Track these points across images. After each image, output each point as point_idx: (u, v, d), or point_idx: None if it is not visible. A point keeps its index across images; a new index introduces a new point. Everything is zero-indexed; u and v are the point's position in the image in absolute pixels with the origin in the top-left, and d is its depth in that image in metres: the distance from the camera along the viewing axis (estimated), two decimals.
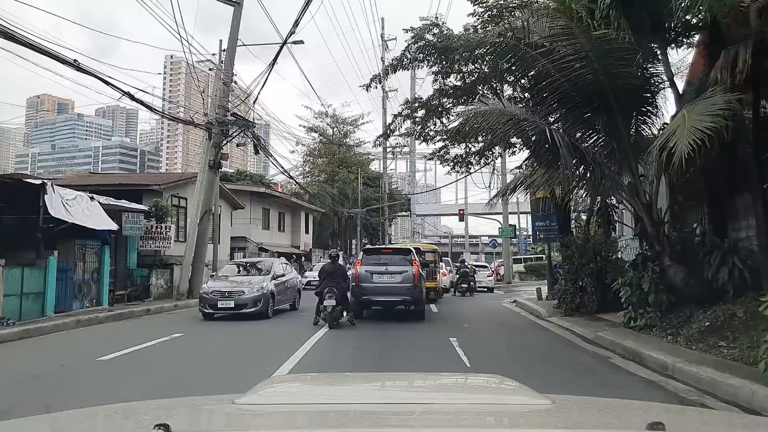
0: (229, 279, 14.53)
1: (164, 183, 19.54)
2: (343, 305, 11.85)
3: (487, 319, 14.26)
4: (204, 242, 18.61)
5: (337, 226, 44.79)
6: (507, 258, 34.53)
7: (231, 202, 25.51)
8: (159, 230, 18.26)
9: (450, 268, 27.73)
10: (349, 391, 2.18)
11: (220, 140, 18.37)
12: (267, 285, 13.80)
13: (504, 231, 34.02)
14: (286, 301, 15.33)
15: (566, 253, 14.71)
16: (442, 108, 15.47)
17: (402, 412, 1.70)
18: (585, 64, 8.75)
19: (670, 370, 7.17)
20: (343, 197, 43.75)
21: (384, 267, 12.84)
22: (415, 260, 13.07)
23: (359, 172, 45.57)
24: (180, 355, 8.87)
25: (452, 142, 16.20)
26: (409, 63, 15.71)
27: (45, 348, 9.51)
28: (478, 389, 2.29)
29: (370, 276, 12.75)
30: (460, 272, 23.96)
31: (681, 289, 9.35)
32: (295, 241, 35.40)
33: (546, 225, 17.14)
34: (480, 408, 1.78)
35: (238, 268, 15.73)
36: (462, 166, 16.91)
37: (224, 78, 18.37)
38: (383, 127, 35.63)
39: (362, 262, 13.02)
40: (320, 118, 49.89)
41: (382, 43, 45.45)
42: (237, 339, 10.50)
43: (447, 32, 15.03)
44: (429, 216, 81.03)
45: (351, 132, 51.59)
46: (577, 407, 1.92)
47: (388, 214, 49.92)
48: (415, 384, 2.46)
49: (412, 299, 12.63)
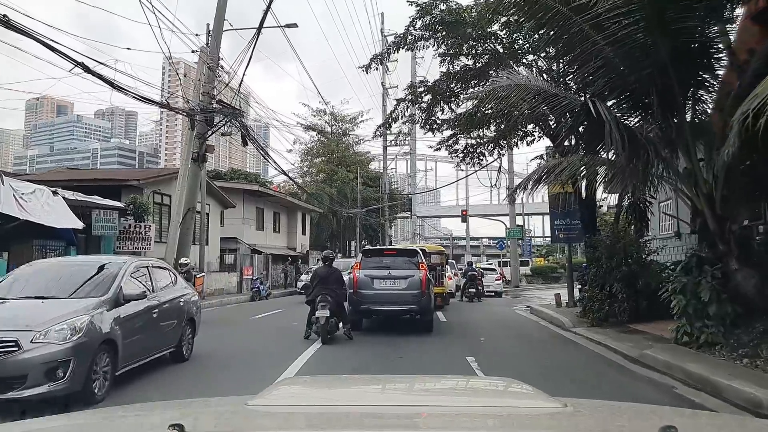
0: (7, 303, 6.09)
1: (144, 178, 17.81)
2: (339, 316, 10.12)
3: (504, 331, 12.51)
4: (187, 243, 16.87)
5: (335, 227, 43.05)
6: (515, 260, 32.80)
7: (221, 201, 23.77)
8: (138, 230, 16.57)
9: (455, 271, 26.08)
10: (360, 393, 2.20)
11: (205, 130, 16.65)
12: (83, 323, 5.64)
13: (512, 232, 32.34)
14: (153, 347, 7.17)
15: (592, 255, 13.00)
16: (451, 92, 13.74)
17: (412, 414, 1.70)
18: (637, 18, 7.03)
19: (767, 407, 5.45)
20: (341, 197, 42.04)
21: (386, 271, 11.10)
22: (422, 263, 11.33)
23: (359, 171, 43.84)
24: None
25: (463, 131, 14.45)
26: (414, 42, 14.00)
27: None
28: (488, 392, 2.27)
29: (371, 281, 11.02)
30: (467, 276, 22.20)
31: (752, 299, 7.63)
32: (292, 243, 33.64)
33: (566, 224, 15.39)
34: (489, 411, 1.75)
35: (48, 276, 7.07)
36: (473, 157, 15.17)
37: (209, 62, 16.66)
38: (383, 115, 34.09)
39: (361, 265, 11.26)
40: (318, 116, 48.23)
41: (381, 38, 43.90)
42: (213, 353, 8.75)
43: (456, 6, 13.32)
44: (431, 217, 79.47)
45: (350, 130, 49.91)
46: (589, 411, 1.89)
47: (389, 215, 48.23)
48: (426, 387, 2.44)
49: (419, 308, 10.88)
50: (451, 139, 14.71)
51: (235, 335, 11.30)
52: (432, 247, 19.68)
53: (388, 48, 14.21)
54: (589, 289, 13.19)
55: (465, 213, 46.67)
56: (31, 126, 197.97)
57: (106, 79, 10.17)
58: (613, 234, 12.88)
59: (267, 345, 9.94)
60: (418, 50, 14.27)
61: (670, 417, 1.80)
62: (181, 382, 6.82)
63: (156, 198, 18.66)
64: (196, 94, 16.26)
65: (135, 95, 11.23)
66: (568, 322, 12.87)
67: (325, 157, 47.56)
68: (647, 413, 1.93)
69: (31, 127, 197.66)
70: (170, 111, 12.72)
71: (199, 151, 16.60)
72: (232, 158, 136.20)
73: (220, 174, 36.41)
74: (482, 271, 24.28)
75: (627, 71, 7.87)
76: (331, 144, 47.56)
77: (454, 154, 15.03)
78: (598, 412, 1.89)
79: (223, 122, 16.79)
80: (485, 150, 15.06)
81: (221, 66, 16.88)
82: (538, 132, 14.04)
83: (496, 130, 14.38)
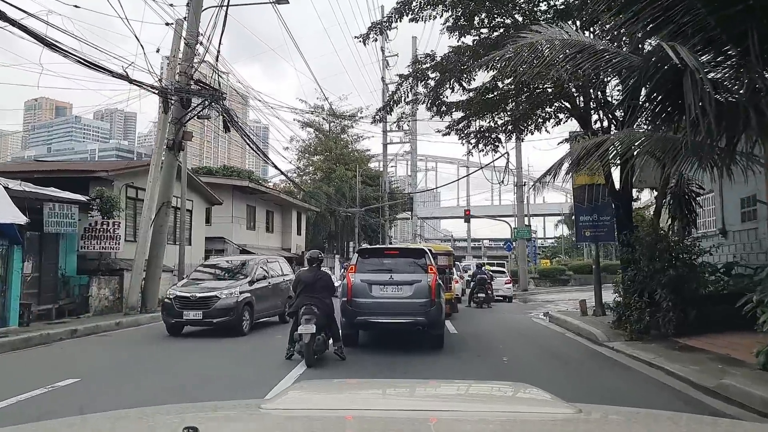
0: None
1: (114, 169, 15.80)
2: (329, 331, 8.15)
3: (528, 347, 10.53)
4: (161, 242, 14.90)
5: (333, 228, 41.05)
6: (523, 262, 30.78)
7: (206, 197, 21.77)
8: (105, 227, 14.58)
9: (460, 273, 24.15)
10: (374, 398, 2.18)
11: (182, 114, 14.70)
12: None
13: (520, 232, 30.35)
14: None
15: (629, 256, 11.04)
16: (462, 67, 11.75)
17: (425, 419, 1.68)
18: None
19: None
20: (340, 196, 40.07)
21: (388, 275, 9.11)
22: (430, 265, 9.34)
23: (357, 169, 41.88)
24: None
25: (475, 113, 12.44)
26: (420, 9, 12.06)
27: None
28: (500, 397, 2.26)
29: (368, 288, 9.04)
30: (476, 279, 20.19)
31: None
32: (286, 243, 31.61)
33: (593, 220, 13.39)
34: (500, 416, 1.74)
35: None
36: (487, 143, 13.17)
37: (188, 37, 14.70)
38: (383, 96, 31.77)
39: (357, 268, 9.24)
40: (316, 113, 46.29)
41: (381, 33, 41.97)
42: (154, 386, 6.78)
43: None
44: (432, 219, 77.60)
45: (349, 127, 47.97)
46: (604, 417, 1.86)
47: (389, 215, 46.30)
48: (439, 392, 2.44)
49: (428, 320, 8.90)
50: (462, 122, 12.70)
51: (198, 353, 9.31)
52: (439, 247, 17.69)
53: (389, 15, 12.22)
54: (625, 296, 11.26)
55: (468, 213, 44.90)
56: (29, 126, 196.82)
57: (34, 34, 8.17)
58: (654, 231, 10.94)
59: (236, 368, 7.93)
60: (423, 21, 12.28)
61: (687, 424, 1.83)
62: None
63: (129, 192, 16.66)
64: (171, 72, 14.30)
65: (78, 58, 9.22)
66: (602, 335, 10.92)
67: (323, 155, 45.76)
68: (664, 420, 1.88)
69: (30, 128, 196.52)
70: (131, 84, 10.70)
71: (175, 138, 14.65)
72: (231, 157, 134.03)
73: (212, 170, 34.35)
74: (491, 274, 22.26)
75: (708, 11, 5.90)
76: (329, 141, 45.74)
77: (466, 138, 13.04)
78: (613, 418, 1.86)
79: (202, 105, 14.83)
80: (502, 133, 13.05)
81: (200, 42, 14.91)
82: (566, 113, 12.05)
83: (513, 113, 12.38)
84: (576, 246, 69.84)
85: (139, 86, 11.37)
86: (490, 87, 10.95)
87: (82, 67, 9.72)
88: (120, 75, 10.17)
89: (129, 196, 16.65)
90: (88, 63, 9.91)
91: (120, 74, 10.18)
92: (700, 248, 10.39)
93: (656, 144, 6.99)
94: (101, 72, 9.92)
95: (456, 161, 73.73)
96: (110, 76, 10.05)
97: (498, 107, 12.16)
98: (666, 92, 6.12)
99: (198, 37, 14.89)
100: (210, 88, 14.59)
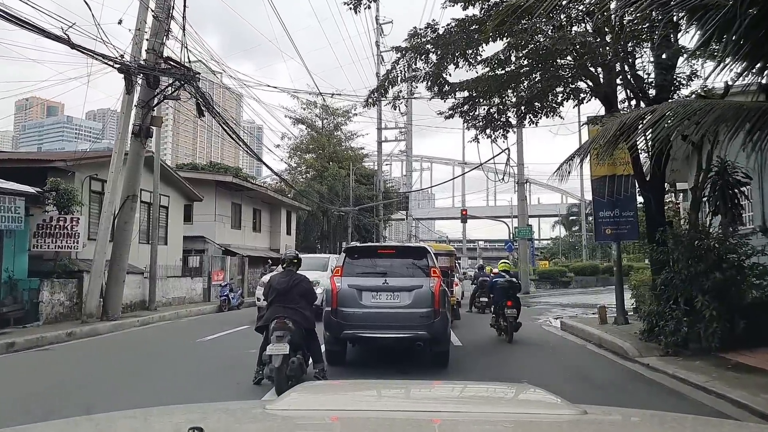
0: None
1: (74, 159, 14.05)
2: (308, 350, 6.47)
3: (546, 363, 8.90)
4: (125, 240, 13.20)
5: (326, 227, 39.38)
6: (524, 263, 29.20)
7: (184, 192, 20.04)
8: (61, 223, 12.87)
9: (460, 276, 22.60)
10: (378, 399, 2.17)
11: (149, 96, 13.02)
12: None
13: (521, 231, 28.80)
14: None
15: (663, 257, 9.45)
16: (468, 40, 10.12)
17: (428, 420, 1.68)
18: None
19: None
20: (333, 194, 38.41)
21: (381, 279, 7.45)
22: (433, 267, 7.69)
23: (351, 167, 40.23)
24: None
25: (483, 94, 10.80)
26: None
27: None
28: (504, 398, 2.24)
29: (358, 295, 7.38)
30: (478, 281, 18.57)
31: None
32: (275, 244, 29.87)
33: (615, 216, 11.79)
34: (505, 418, 1.73)
35: None
36: (496, 127, 11.54)
37: (156, 10, 13.03)
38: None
39: (344, 271, 7.57)
40: (309, 109, 44.64)
41: (377, 26, 40.34)
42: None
43: None
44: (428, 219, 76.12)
45: (342, 124, 46.31)
46: (609, 419, 1.85)
47: (383, 215, 44.68)
48: (443, 393, 2.42)
49: (431, 335, 7.24)
50: (467, 104, 11.09)
51: (149, 375, 7.62)
52: (440, 247, 16.08)
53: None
54: (657, 302, 9.69)
55: (465, 213, 43.49)
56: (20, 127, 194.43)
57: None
58: (693, 227, 9.35)
59: (189, 398, 6.24)
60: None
61: (692, 426, 1.81)
62: None
63: (94, 185, 14.94)
64: (136, 48, 12.61)
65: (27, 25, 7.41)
66: (631, 349, 9.34)
67: (315, 153, 44.13)
68: (669, 421, 1.88)
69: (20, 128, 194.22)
70: (77, 51, 8.96)
71: (142, 124, 12.97)
72: (225, 157, 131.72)
73: (197, 166, 32.61)
74: None
75: None
76: (322, 138, 44.11)
77: (472, 122, 11.43)
78: (618, 420, 1.85)
79: (173, 87, 13.15)
80: (512, 115, 11.42)
81: (172, 17, 13.23)
82: (589, 91, 10.42)
83: (529, 91, 10.75)
84: (574, 247, 68.52)
85: (90, 55, 9.61)
86: (503, 58, 9.32)
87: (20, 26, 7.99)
88: (55, 36, 8.37)
89: (93, 190, 14.93)
90: (28, 25, 8.19)
91: (56, 35, 8.40)
92: (751, 248, 8.81)
93: (726, 112, 5.38)
94: (33, 31, 8.13)
95: (452, 162, 72.66)
96: (43, 36, 8.27)
97: (508, 85, 10.54)
98: None
99: (170, 11, 13.23)
100: (182, 66, 12.90)
